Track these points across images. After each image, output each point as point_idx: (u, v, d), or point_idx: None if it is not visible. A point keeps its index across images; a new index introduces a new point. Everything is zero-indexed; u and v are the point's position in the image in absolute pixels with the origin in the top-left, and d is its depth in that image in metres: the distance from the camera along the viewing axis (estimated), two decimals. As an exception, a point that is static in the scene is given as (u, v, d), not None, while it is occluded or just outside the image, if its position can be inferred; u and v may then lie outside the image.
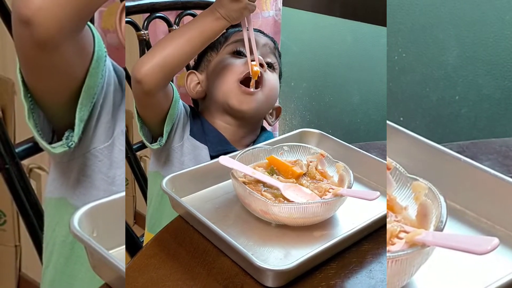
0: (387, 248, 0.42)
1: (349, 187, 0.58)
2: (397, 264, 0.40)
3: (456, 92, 1.13)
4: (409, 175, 0.50)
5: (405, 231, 0.43)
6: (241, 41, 0.79)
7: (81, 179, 0.62)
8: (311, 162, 0.65)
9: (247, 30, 0.77)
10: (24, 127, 1.11)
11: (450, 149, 0.60)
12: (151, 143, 0.75)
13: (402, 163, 0.51)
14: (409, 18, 1.11)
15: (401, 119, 1.16)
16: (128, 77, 0.79)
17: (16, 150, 0.65)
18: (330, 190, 0.59)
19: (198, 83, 0.83)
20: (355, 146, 0.72)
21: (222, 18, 0.70)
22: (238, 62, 0.79)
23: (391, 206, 0.48)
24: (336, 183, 0.62)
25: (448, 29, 1.09)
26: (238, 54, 0.80)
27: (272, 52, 0.84)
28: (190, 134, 0.78)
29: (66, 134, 0.58)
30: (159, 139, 0.74)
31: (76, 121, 0.57)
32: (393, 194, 0.49)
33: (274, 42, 0.86)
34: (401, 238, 0.43)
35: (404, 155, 0.57)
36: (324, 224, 0.57)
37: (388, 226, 0.44)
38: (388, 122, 0.66)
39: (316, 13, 1.17)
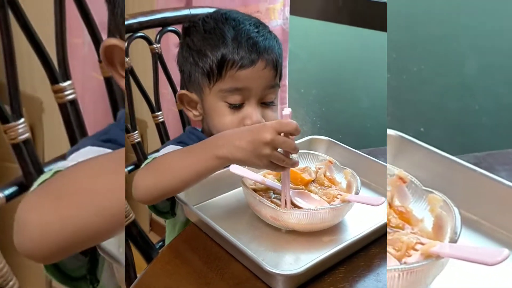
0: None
1: (357, 193, 0.60)
2: (412, 275, 0.41)
3: (475, 101, 1.13)
4: (424, 188, 0.51)
5: (421, 243, 0.45)
6: (239, 90, 0.67)
7: None
8: (319, 168, 0.67)
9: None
10: (52, 145, 1.12)
11: (467, 160, 0.60)
12: (164, 214, 0.71)
13: (417, 176, 0.52)
14: (427, 30, 1.11)
15: (422, 129, 1.16)
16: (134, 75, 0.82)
17: (45, 169, 0.63)
18: (338, 196, 0.61)
19: (196, 107, 0.74)
20: (365, 152, 0.73)
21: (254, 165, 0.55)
22: (236, 118, 0.69)
23: (407, 219, 0.49)
24: (344, 189, 0.63)
25: (466, 40, 1.09)
26: (235, 107, 0.69)
27: (274, 91, 0.72)
28: None
29: None
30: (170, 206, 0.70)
31: None
32: (409, 207, 0.50)
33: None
34: (417, 250, 0.44)
35: (419, 168, 0.57)
36: (332, 229, 0.59)
37: (404, 238, 0.45)
38: (390, 131, 0.66)
39: (323, 21, 1.19)
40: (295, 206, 0.60)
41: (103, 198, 0.39)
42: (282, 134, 0.53)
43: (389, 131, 0.66)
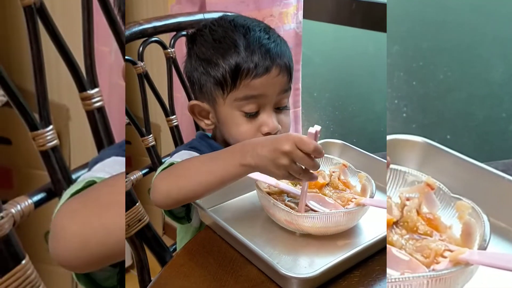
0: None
1: (371, 196, 0.59)
2: (441, 282, 0.40)
3: (502, 109, 1.12)
4: (452, 194, 0.50)
5: (449, 250, 0.44)
6: (255, 97, 0.67)
7: None
8: (333, 172, 0.66)
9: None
10: (78, 153, 1.10)
11: (495, 167, 0.60)
12: (179, 220, 0.72)
13: (445, 183, 0.51)
14: (454, 37, 1.11)
15: (448, 137, 1.15)
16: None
17: (73, 176, 0.63)
18: (353, 200, 0.60)
19: (208, 117, 0.74)
20: (379, 155, 0.73)
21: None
22: (253, 126, 0.69)
23: (435, 226, 0.49)
24: (358, 193, 0.63)
25: (493, 47, 1.09)
26: (251, 115, 0.69)
27: (287, 95, 0.72)
28: None
29: None
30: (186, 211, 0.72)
31: None
32: (437, 214, 0.50)
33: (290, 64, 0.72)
34: (445, 257, 0.44)
35: (447, 175, 0.56)
36: (347, 233, 0.58)
37: (432, 245, 0.45)
38: (416, 137, 0.66)
39: (336, 24, 1.19)
40: (309, 209, 0.59)
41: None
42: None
43: (416, 138, 0.66)
